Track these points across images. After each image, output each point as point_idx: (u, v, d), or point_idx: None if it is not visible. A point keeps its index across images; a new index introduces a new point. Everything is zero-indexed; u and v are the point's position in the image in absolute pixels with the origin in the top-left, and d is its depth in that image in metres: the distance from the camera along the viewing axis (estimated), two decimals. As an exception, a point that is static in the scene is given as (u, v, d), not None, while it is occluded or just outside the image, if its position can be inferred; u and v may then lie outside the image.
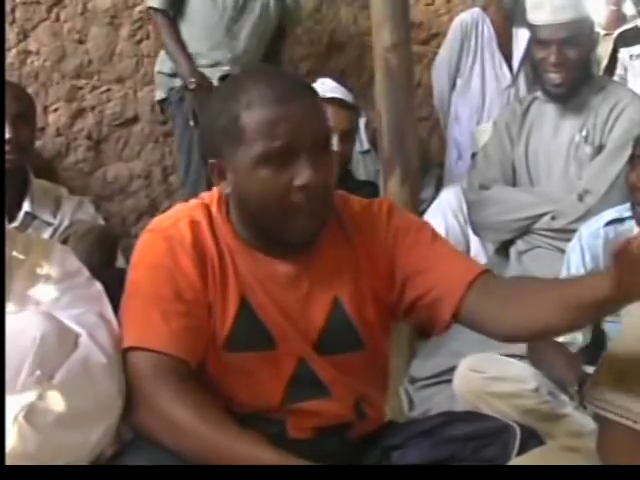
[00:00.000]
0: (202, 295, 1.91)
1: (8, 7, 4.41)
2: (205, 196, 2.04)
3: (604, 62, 5.16)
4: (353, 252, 2.00)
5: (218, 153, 1.91)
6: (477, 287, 1.94)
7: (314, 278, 1.96)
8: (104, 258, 3.14)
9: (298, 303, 1.95)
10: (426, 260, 1.99)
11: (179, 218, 1.96)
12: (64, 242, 2.96)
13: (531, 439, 1.99)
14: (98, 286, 2.07)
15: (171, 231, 1.93)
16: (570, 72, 3.53)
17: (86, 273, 2.08)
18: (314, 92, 1.95)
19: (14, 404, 1.78)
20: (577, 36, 3.52)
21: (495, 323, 1.92)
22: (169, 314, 1.87)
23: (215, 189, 2.01)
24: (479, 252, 4.33)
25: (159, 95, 4.41)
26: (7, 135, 3.22)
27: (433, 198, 4.55)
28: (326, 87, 3.61)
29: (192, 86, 4.15)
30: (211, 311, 1.92)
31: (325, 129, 1.91)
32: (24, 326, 1.85)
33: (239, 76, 2.18)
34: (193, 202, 2.03)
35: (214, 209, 1.98)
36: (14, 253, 2.02)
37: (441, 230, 4.37)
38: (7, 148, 3.22)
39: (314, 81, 3.61)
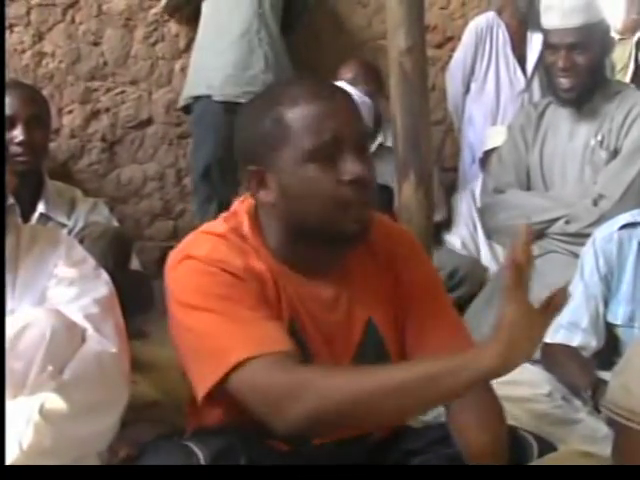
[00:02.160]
0: (267, 309, 1.84)
1: (23, 9, 4.43)
2: (230, 218, 1.97)
3: (621, 67, 5.13)
4: (380, 272, 2.01)
5: (258, 160, 1.87)
6: None
7: (351, 299, 1.96)
8: (118, 260, 3.15)
9: (337, 324, 1.94)
10: (425, 319, 2.01)
11: (214, 242, 1.89)
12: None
13: (546, 450, 1.99)
14: (104, 275, 2.08)
15: (216, 255, 1.85)
16: (579, 77, 3.53)
17: (92, 262, 2.10)
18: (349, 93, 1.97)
19: (28, 401, 1.79)
20: (587, 41, 3.51)
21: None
22: (258, 320, 1.79)
23: (241, 207, 1.97)
24: (489, 258, 4.33)
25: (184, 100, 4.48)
26: (20, 137, 3.25)
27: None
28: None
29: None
30: None
31: (365, 127, 1.92)
32: (33, 322, 1.85)
33: (274, 85, 2.13)
34: (218, 228, 1.94)
35: (246, 229, 1.93)
36: (19, 245, 2.04)
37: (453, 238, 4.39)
38: (20, 150, 3.25)
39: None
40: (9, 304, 1.96)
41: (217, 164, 4.30)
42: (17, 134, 3.26)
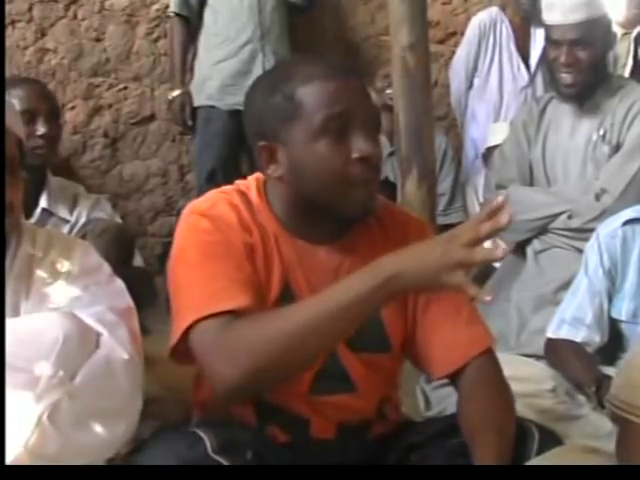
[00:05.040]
0: (250, 272, 1.88)
1: (26, 5, 4.43)
2: (240, 184, 2.03)
3: (624, 62, 5.11)
4: None
5: (269, 135, 1.90)
6: (473, 369, 1.99)
7: (353, 270, 1.94)
8: (120, 256, 3.15)
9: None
10: (439, 315, 2.01)
11: (216, 201, 1.95)
12: (80, 240, 2.96)
13: (549, 440, 1.99)
14: (119, 282, 2.06)
15: (212, 211, 1.92)
16: (581, 73, 3.52)
17: (107, 269, 2.08)
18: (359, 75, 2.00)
19: (37, 404, 1.78)
20: (589, 36, 3.49)
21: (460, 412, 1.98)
22: (223, 276, 1.82)
23: (251, 178, 2.02)
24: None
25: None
26: (42, 130, 3.30)
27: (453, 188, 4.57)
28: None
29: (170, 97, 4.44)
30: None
31: (376, 108, 1.93)
32: (46, 326, 1.84)
33: (286, 61, 2.17)
34: (226, 188, 2.02)
35: (253, 195, 1.98)
36: (34, 251, 2.02)
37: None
38: (41, 143, 3.30)
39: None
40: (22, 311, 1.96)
41: (222, 168, 4.32)
42: (39, 127, 3.29)
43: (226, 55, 4.35)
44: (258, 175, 2.02)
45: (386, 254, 1.91)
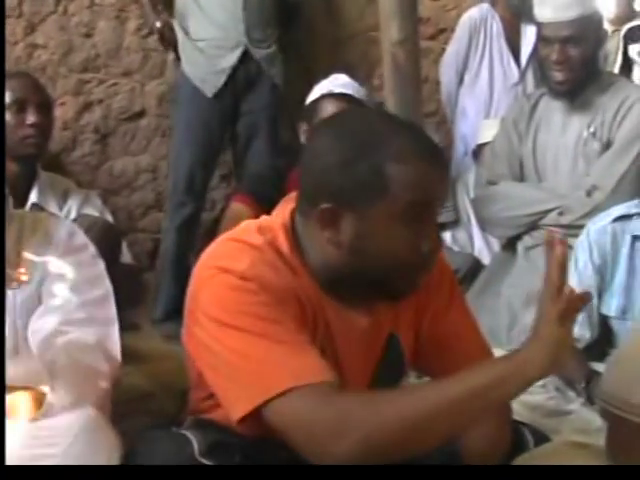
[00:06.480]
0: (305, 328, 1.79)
1: (15, 0, 4.42)
2: (266, 233, 1.86)
3: (613, 59, 5.12)
4: None
5: (338, 199, 1.76)
6: None
7: (380, 320, 1.92)
8: (108, 253, 3.13)
9: (366, 345, 1.91)
10: (445, 322, 1.98)
11: (251, 257, 1.78)
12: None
13: (540, 440, 1.99)
14: (101, 266, 2.14)
15: (253, 272, 1.76)
16: (573, 70, 3.52)
17: (92, 250, 2.14)
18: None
19: None
20: (581, 34, 3.50)
21: None
22: (300, 345, 1.72)
23: (276, 222, 1.88)
24: (482, 249, 4.34)
25: None
26: (33, 119, 3.28)
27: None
28: (337, 83, 3.59)
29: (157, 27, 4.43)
30: None
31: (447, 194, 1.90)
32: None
33: (370, 119, 1.90)
34: (246, 234, 1.86)
35: (282, 238, 1.84)
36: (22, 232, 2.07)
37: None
38: (32, 132, 3.28)
39: (327, 76, 3.61)
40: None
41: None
42: (29, 117, 3.27)
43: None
44: (284, 220, 1.88)
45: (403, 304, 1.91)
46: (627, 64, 5.05)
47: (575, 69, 3.52)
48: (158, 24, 4.43)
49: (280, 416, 1.67)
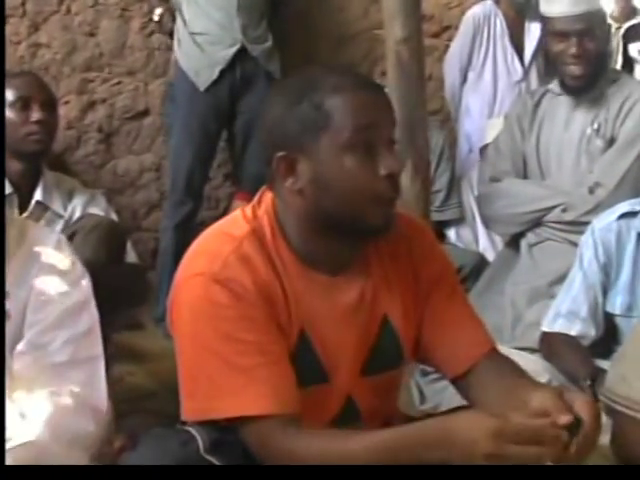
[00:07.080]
0: (277, 335, 1.80)
1: (19, 0, 4.41)
2: (246, 212, 1.90)
3: (615, 58, 5.12)
4: (397, 267, 1.96)
5: (289, 145, 1.81)
6: (484, 366, 1.94)
7: (372, 297, 1.92)
8: (112, 253, 3.13)
9: (356, 327, 1.90)
10: (445, 314, 1.97)
11: (226, 255, 1.80)
12: (71, 237, 2.93)
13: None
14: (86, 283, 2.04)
15: (225, 273, 1.78)
16: (590, 64, 3.53)
17: (79, 269, 2.04)
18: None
19: None
20: (594, 28, 3.52)
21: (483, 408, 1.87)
22: (255, 370, 1.75)
23: (262, 202, 1.91)
24: (487, 246, 4.34)
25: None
26: (37, 116, 3.29)
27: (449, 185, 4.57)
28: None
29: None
30: None
31: (395, 120, 1.91)
32: None
33: (312, 70, 1.97)
34: (232, 225, 1.89)
35: (265, 224, 1.87)
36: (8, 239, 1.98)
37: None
38: (36, 128, 3.29)
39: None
40: None
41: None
42: (33, 113, 3.29)
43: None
44: (267, 206, 1.90)
45: (395, 272, 1.93)
46: (628, 63, 5.04)
47: (591, 63, 3.54)
48: (159, 10, 4.46)
49: (246, 435, 1.76)
